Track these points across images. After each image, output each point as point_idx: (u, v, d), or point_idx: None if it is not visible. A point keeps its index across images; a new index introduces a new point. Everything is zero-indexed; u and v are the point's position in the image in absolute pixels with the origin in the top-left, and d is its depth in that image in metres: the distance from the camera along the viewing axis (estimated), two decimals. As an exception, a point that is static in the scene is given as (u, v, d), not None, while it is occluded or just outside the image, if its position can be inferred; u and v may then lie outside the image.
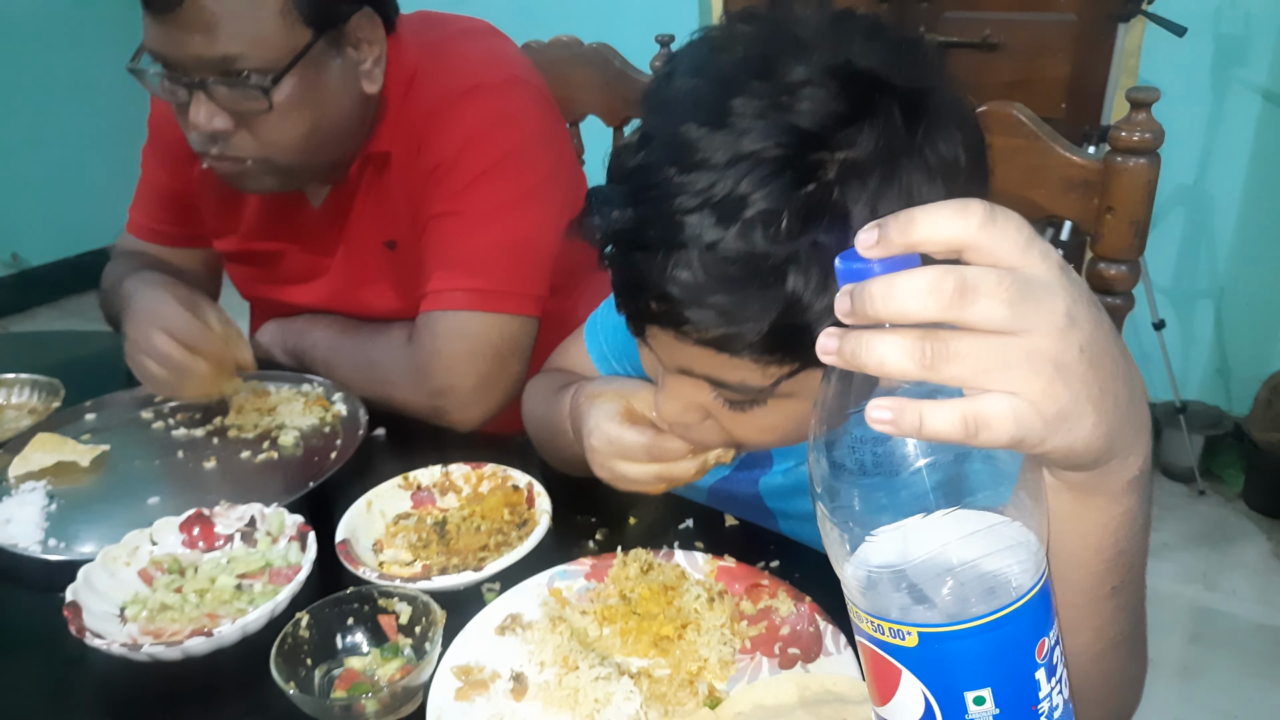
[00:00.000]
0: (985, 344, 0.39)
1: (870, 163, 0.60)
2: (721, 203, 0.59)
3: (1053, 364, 0.40)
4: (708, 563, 0.87)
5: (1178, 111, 2.40)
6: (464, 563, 0.90)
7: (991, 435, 0.39)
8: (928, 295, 0.38)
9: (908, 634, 0.45)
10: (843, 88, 0.59)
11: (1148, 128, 0.99)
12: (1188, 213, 2.64)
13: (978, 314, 0.38)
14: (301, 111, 1.07)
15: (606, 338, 1.08)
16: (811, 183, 0.59)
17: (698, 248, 0.60)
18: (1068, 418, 0.40)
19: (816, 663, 0.75)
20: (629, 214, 0.64)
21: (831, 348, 0.41)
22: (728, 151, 0.59)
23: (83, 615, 0.81)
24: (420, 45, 1.20)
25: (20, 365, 1.30)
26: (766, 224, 0.59)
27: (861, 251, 0.40)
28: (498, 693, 0.76)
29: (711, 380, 0.69)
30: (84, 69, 3.91)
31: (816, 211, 0.59)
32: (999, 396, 0.39)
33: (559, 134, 1.26)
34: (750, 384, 0.67)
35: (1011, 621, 0.44)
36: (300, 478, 1.06)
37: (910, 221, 0.40)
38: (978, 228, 0.39)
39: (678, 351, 0.68)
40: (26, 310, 3.95)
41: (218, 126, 1.05)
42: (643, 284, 0.64)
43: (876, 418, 0.39)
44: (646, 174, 0.63)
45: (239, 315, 1.49)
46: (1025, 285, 0.39)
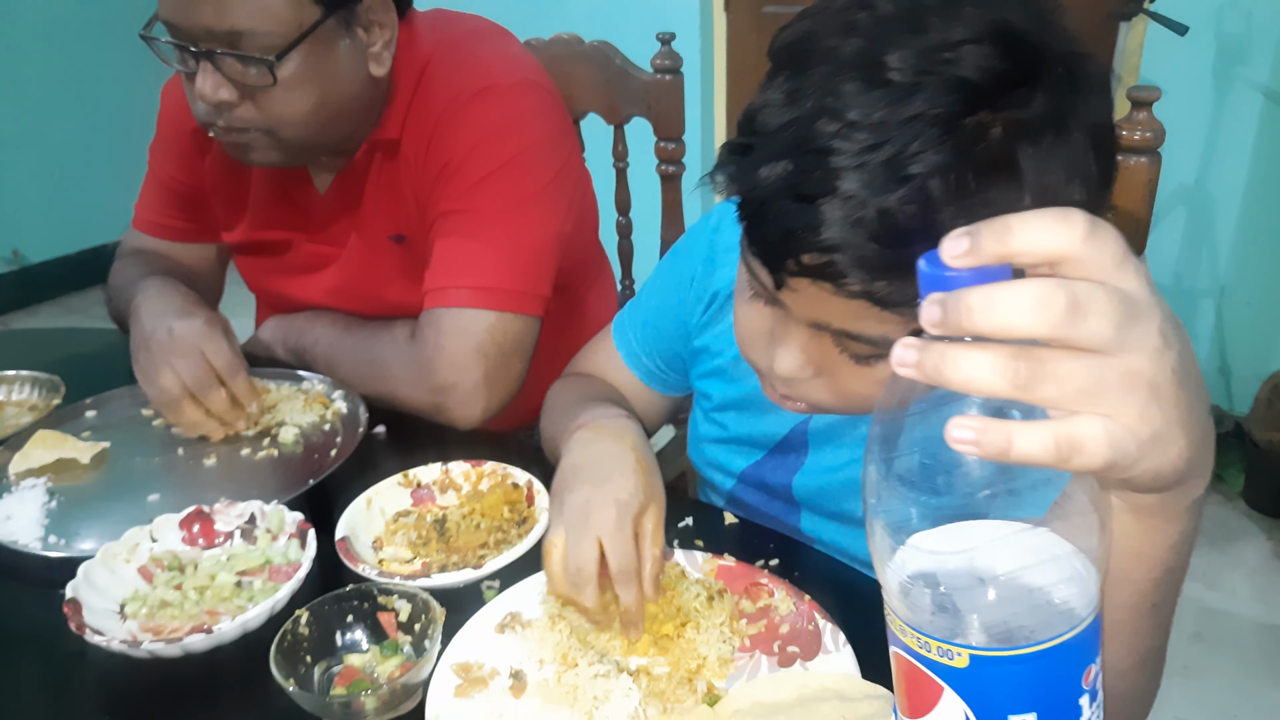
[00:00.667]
0: (1084, 365, 0.37)
1: (1041, 125, 0.59)
2: (892, 159, 0.58)
3: (1149, 385, 0.38)
4: (707, 561, 0.87)
5: (1179, 111, 2.40)
6: (464, 560, 0.90)
7: (1085, 460, 0.37)
8: (1035, 311, 0.35)
9: (958, 655, 0.44)
10: (1006, 48, 0.58)
11: (1149, 126, 0.99)
12: (1188, 212, 2.64)
13: (1085, 333, 0.36)
14: (306, 88, 1.08)
15: (635, 335, 1.10)
16: (982, 140, 0.58)
17: (868, 202, 0.59)
18: (1160, 440, 0.39)
19: (815, 661, 0.75)
20: (784, 167, 0.62)
21: (910, 360, 0.38)
22: (893, 108, 0.58)
23: (83, 612, 0.81)
24: (435, 40, 1.21)
25: (21, 362, 1.30)
26: (942, 179, 0.58)
27: (948, 260, 0.37)
28: (497, 690, 0.76)
29: (848, 334, 0.68)
30: (86, 66, 3.91)
31: (989, 169, 0.58)
32: (1093, 419, 0.37)
33: (568, 137, 1.27)
34: (891, 337, 0.65)
35: (1066, 649, 0.43)
36: (300, 475, 1.06)
37: (1007, 230, 0.37)
38: (1081, 240, 0.37)
39: (821, 305, 0.66)
40: (27, 307, 3.95)
41: (223, 97, 1.06)
42: (800, 238, 0.62)
43: (958, 437, 0.37)
44: (803, 129, 0.61)
45: (245, 311, 1.50)
46: (1127, 302, 0.37)
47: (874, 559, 0.46)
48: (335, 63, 1.10)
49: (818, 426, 0.94)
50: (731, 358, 0.99)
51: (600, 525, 0.78)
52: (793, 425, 0.95)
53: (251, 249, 1.36)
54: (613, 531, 0.78)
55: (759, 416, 0.97)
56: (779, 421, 0.96)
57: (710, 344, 1.01)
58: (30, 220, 3.92)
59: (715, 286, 1.00)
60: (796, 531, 0.98)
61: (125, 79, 3.89)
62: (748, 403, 0.98)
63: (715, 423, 1.03)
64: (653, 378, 1.11)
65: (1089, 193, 0.62)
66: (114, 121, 3.94)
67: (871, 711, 0.67)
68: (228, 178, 1.32)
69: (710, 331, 1.01)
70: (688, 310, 1.03)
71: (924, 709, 0.46)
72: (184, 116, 1.30)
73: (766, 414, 0.97)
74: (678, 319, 1.05)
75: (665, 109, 1.52)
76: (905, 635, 0.46)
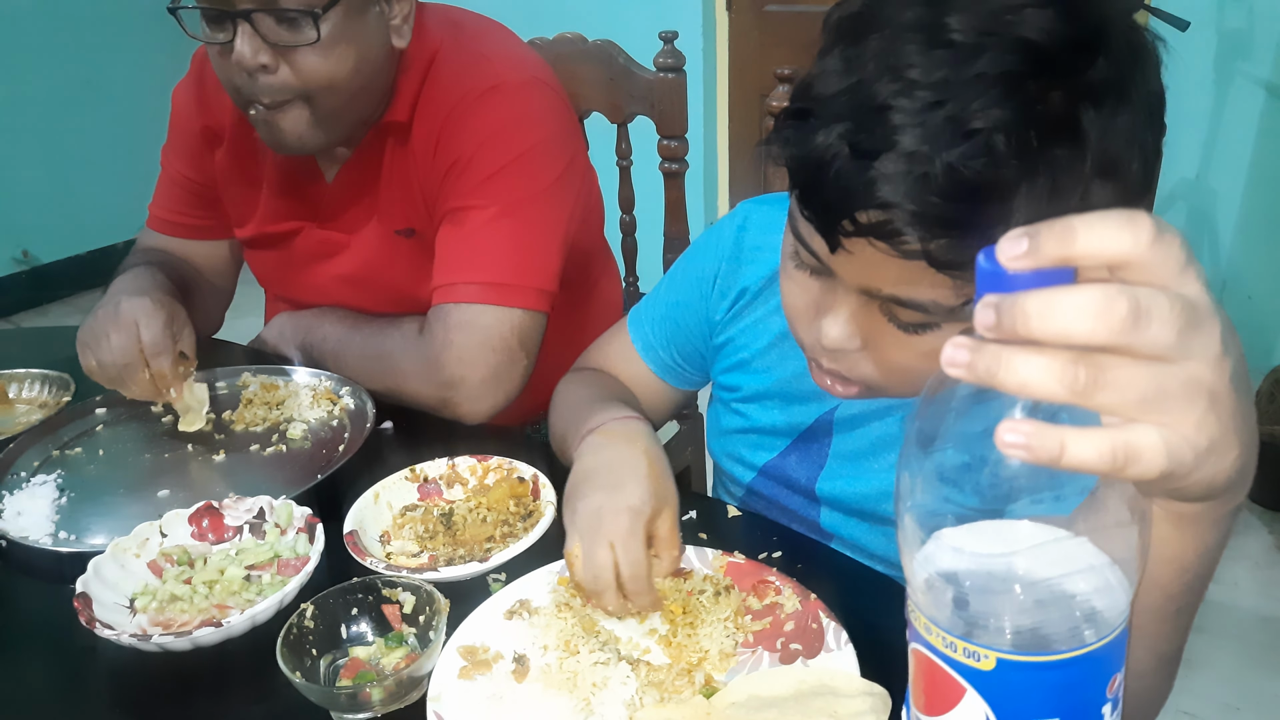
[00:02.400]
0: (1145, 372, 0.35)
1: (1103, 89, 0.59)
2: (955, 116, 0.58)
3: (1209, 394, 0.37)
4: (717, 558, 0.87)
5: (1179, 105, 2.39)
6: (470, 554, 0.91)
7: (1141, 469, 0.36)
8: (1096, 318, 0.34)
9: (985, 657, 0.43)
10: (1068, 12, 0.59)
11: (1148, 121, 1.00)
12: (1189, 206, 2.64)
13: (1148, 341, 0.35)
14: (344, 49, 1.10)
15: (652, 329, 1.10)
16: (1045, 102, 0.58)
17: (931, 157, 0.58)
18: (1215, 450, 0.38)
19: (817, 658, 0.75)
20: (842, 128, 0.61)
21: (961, 360, 0.36)
22: (956, 68, 0.58)
23: (93, 606, 0.82)
24: (442, 32, 1.23)
25: (31, 360, 1.32)
26: (1005, 135, 0.57)
27: (1005, 263, 0.36)
28: (500, 673, 0.77)
29: (899, 300, 0.67)
30: (95, 67, 3.92)
31: (1053, 129, 0.58)
32: (1150, 428, 0.36)
33: (574, 135, 1.28)
34: (942, 303, 0.65)
35: (1094, 658, 0.43)
36: (308, 470, 1.07)
37: (1070, 232, 0.35)
38: (1148, 244, 0.35)
39: (874, 268, 0.66)
40: (38, 306, 3.96)
41: (262, 61, 1.07)
42: (858, 198, 0.61)
43: (1009, 441, 0.35)
44: (862, 90, 0.61)
45: (254, 310, 1.51)
46: (1190, 309, 0.36)
47: (903, 554, 0.46)
48: (367, 27, 1.12)
49: (843, 416, 0.94)
50: (757, 350, 1.00)
51: (613, 532, 0.79)
52: (817, 416, 0.96)
53: (262, 242, 1.37)
54: (625, 538, 0.79)
55: (784, 406, 0.98)
56: (804, 411, 0.96)
57: (736, 338, 1.02)
58: (40, 220, 3.93)
59: (743, 283, 1.00)
60: (815, 526, 0.98)
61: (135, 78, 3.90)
62: (772, 393, 0.99)
63: (738, 413, 1.03)
64: (667, 371, 1.11)
65: (1145, 162, 0.63)
66: (123, 121, 3.94)
67: (864, 708, 0.67)
68: (238, 173, 1.33)
69: (736, 326, 1.02)
70: (710, 307, 1.04)
71: (943, 708, 0.46)
72: (194, 115, 1.32)
73: (792, 404, 0.97)
74: (699, 315, 1.05)
75: (668, 107, 1.53)
76: (930, 634, 0.45)
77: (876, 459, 0.93)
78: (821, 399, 0.94)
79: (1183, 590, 0.53)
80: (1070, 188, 0.60)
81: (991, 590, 0.43)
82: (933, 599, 0.45)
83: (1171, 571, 0.51)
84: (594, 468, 0.87)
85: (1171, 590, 0.52)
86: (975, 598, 0.43)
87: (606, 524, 0.80)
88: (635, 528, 0.80)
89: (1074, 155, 0.59)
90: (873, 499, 0.93)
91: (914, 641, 0.47)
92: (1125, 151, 0.61)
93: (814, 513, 0.98)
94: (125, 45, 3.94)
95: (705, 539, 0.91)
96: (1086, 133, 0.59)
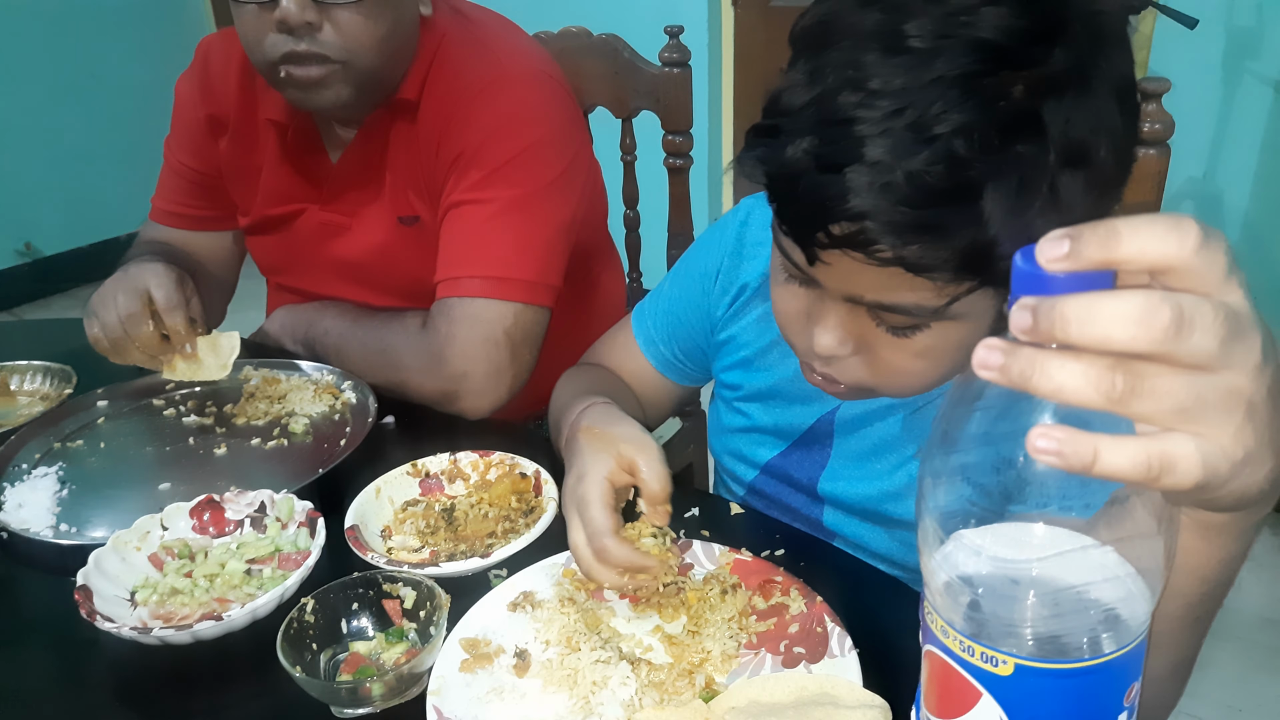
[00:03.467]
0: (1185, 382, 0.35)
1: (1064, 80, 0.59)
2: (916, 122, 0.59)
3: (1247, 405, 0.36)
4: (723, 555, 0.87)
5: (1188, 104, 2.39)
6: (471, 549, 0.91)
7: (1176, 480, 0.36)
8: (1139, 325, 0.33)
9: (1003, 662, 0.43)
10: (1024, 6, 0.59)
11: (1158, 118, 0.99)
12: (1197, 205, 2.63)
13: (1190, 350, 0.34)
14: (384, 10, 1.11)
15: (655, 324, 1.11)
16: (1004, 99, 0.59)
17: (895, 166, 0.59)
18: (1251, 462, 0.37)
19: (820, 664, 0.75)
20: (810, 142, 0.62)
21: (994, 363, 0.36)
22: (914, 73, 0.59)
23: (94, 599, 0.82)
24: (449, 18, 1.23)
25: (33, 353, 1.31)
26: (966, 138, 0.58)
27: (1045, 265, 0.35)
28: (501, 667, 0.77)
29: (882, 305, 0.68)
30: (97, 59, 3.92)
31: (1013, 125, 0.59)
32: (1186, 438, 0.36)
33: (579, 128, 1.28)
34: (925, 305, 0.67)
35: (1112, 667, 0.42)
36: (310, 464, 1.07)
37: (1114, 236, 0.34)
38: (1193, 250, 0.35)
39: (854, 277, 0.67)
40: (40, 299, 3.97)
41: (309, 18, 1.07)
42: (829, 209, 0.63)
43: (1041, 447, 0.34)
44: (826, 103, 0.62)
45: (256, 304, 1.51)
46: (1234, 318, 0.35)
47: (921, 554, 0.45)
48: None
49: (844, 417, 0.94)
50: (759, 349, 1.00)
51: (570, 514, 0.82)
52: (819, 416, 0.95)
53: (265, 226, 1.37)
54: (581, 509, 0.80)
55: (786, 407, 0.98)
56: (805, 412, 0.96)
57: (737, 335, 1.02)
58: (43, 212, 3.94)
59: (744, 279, 1.01)
60: (819, 525, 0.98)
61: (137, 71, 3.90)
62: (774, 393, 0.99)
63: (739, 412, 1.03)
64: (669, 366, 1.11)
65: (1115, 148, 0.63)
66: (126, 113, 3.95)
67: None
68: (243, 160, 1.33)
69: (737, 323, 1.02)
70: (712, 303, 1.04)
71: (957, 711, 0.46)
72: (198, 104, 1.32)
73: (793, 404, 0.97)
74: (701, 310, 1.05)
75: (673, 102, 1.52)
76: (946, 636, 0.45)
77: (879, 460, 0.92)
78: (823, 400, 0.94)
79: (1203, 599, 0.52)
80: (1037, 181, 0.60)
81: (1012, 596, 0.43)
82: (951, 601, 0.44)
83: (1194, 581, 0.50)
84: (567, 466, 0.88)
85: (1192, 599, 0.52)
86: (995, 602, 0.43)
87: (566, 507, 0.82)
88: (588, 495, 0.80)
89: (1038, 149, 0.59)
90: (875, 499, 0.93)
91: (929, 643, 0.47)
92: (1092, 139, 0.61)
93: (817, 512, 0.98)
94: (128, 37, 3.94)
95: (708, 535, 0.91)
96: (1048, 125, 0.59)
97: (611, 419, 0.88)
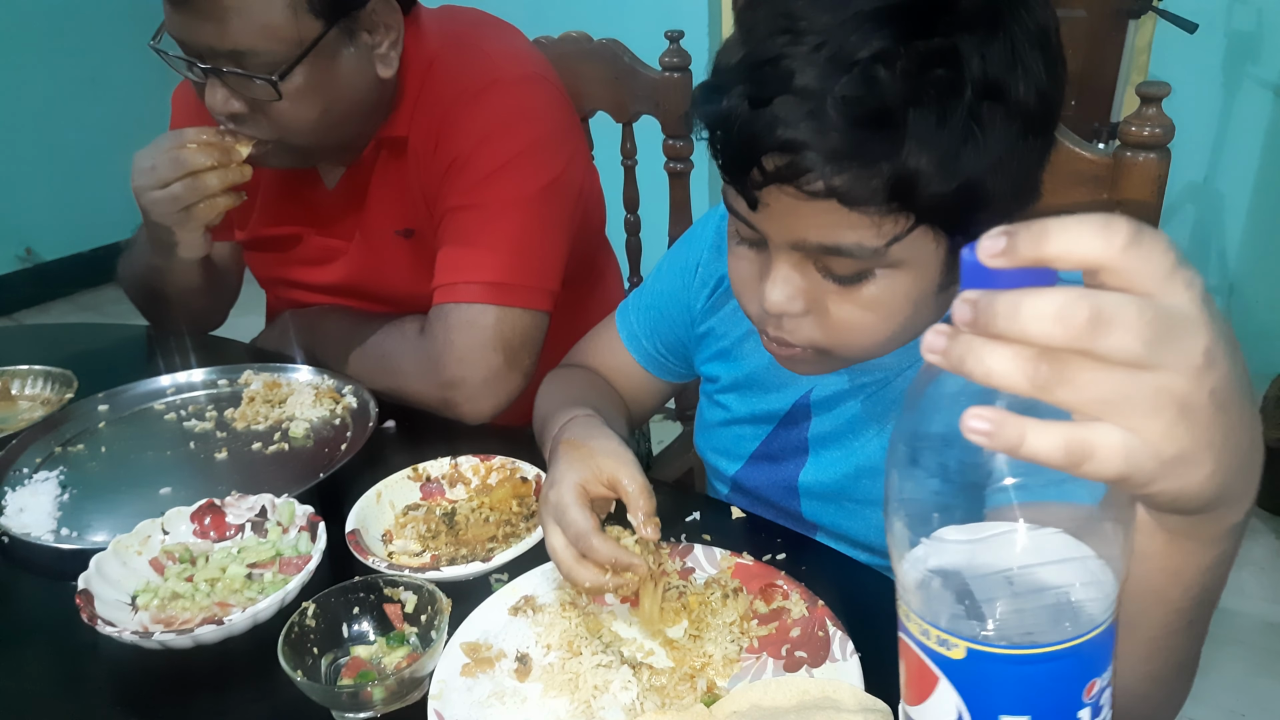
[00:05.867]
0: (1109, 376, 0.36)
1: (978, 19, 0.64)
2: (838, 53, 0.63)
3: (1179, 405, 0.37)
4: (725, 559, 0.87)
5: (1188, 109, 2.40)
6: (472, 553, 0.91)
7: (1096, 467, 0.37)
8: (1054, 321, 0.35)
9: (955, 645, 0.43)
10: None
11: (1158, 122, 0.99)
12: (1197, 210, 2.63)
13: (1108, 347, 0.35)
14: (312, 99, 1.09)
15: (638, 319, 1.12)
16: (920, 32, 0.63)
17: (819, 94, 0.63)
18: (1184, 462, 0.38)
19: (822, 668, 0.75)
20: (742, 87, 0.67)
21: (938, 347, 0.38)
22: (836, 11, 0.64)
23: (95, 603, 0.82)
24: (441, 36, 1.22)
25: (34, 357, 1.31)
26: (886, 64, 0.63)
27: (984, 260, 0.37)
28: (502, 672, 0.77)
29: (824, 248, 0.71)
30: (97, 64, 3.92)
31: (930, 55, 0.63)
32: (1112, 429, 0.37)
33: (574, 131, 1.27)
34: (865, 244, 0.70)
35: (1066, 658, 0.42)
36: (311, 469, 1.07)
37: (1044, 234, 0.36)
38: (1120, 249, 0.36)
39: (793, 218, 0.70)
40: (40, 304, 3.97)
41: (233, 109, 1.08)
42: (761, 143, 0.67)
43: (973, 427, 0.36)
44: (756, 49, 0.67)
45: (255, 309, 1.51)
46: (1166, 319, 0.36)
47: (888, 539, 0.46)
48: (340, 71, 1.10)
49: (818, 399, 0.95)
50: (735, 339, 1.01)
51: (546, 521, 0.82)
52: (794, 401, 0.97)
53: (261, 244, 1.37)
54: (558, 513, 0.81)
55: (761, 395, 0.99)
56: (781, 398, 0.98)
57: (715, 327, 1.03)
58: (42, 218, 3.94)
59: (722, 271, 1.02)
60: (798, 517, 0.99)
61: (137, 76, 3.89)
62: (750, 381, 1.00)
63: (720, 405, 1.04)
64: (651, 361, 1.12)
65: (1037, 89, 0.67)
66: (126, 119, 3.93)
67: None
68: None
69: (716, 315, 1.03)
70: (692, 296, 1.05)
71: (920, 697, 0.46)
72: (192, 117, 1.31)
73: (769, 392, 0.99)
74: (682, 304, 1.07)
75: (673, 107, 1.52)
76: (909, 620, 0.46)
77: (854, 438, 0.94)
78: (797, 384, 0.96)
79: (1192, 605, 0.52)
80: (956, 108, 0.64)
81: (961, 576, 0.43)
82: (908, 583, 0.45)
83: (1177, 586, 0.50)
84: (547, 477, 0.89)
85: (1180, 605, 0.52)
86: (944, 582, 0.43)
87: (542, 515, 0.83)
88: (563, 499, 0.80)
89: (954, 77, 0.64)
90: (854, 477, 0.94)
91: (900, 629, 0.48)
92: (1008, 75, 0.65)
93: (795, 503, 0.99)
94: (128, 43, 3.90)
95: (709, 539, 0.90)
96: (964, 55, 0.64)
97: (592, 432, 0.88)
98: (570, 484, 0.81)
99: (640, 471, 0.82)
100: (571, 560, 0.79)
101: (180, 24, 1.04)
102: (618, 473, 0.81)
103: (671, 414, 1.79)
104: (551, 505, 0.81)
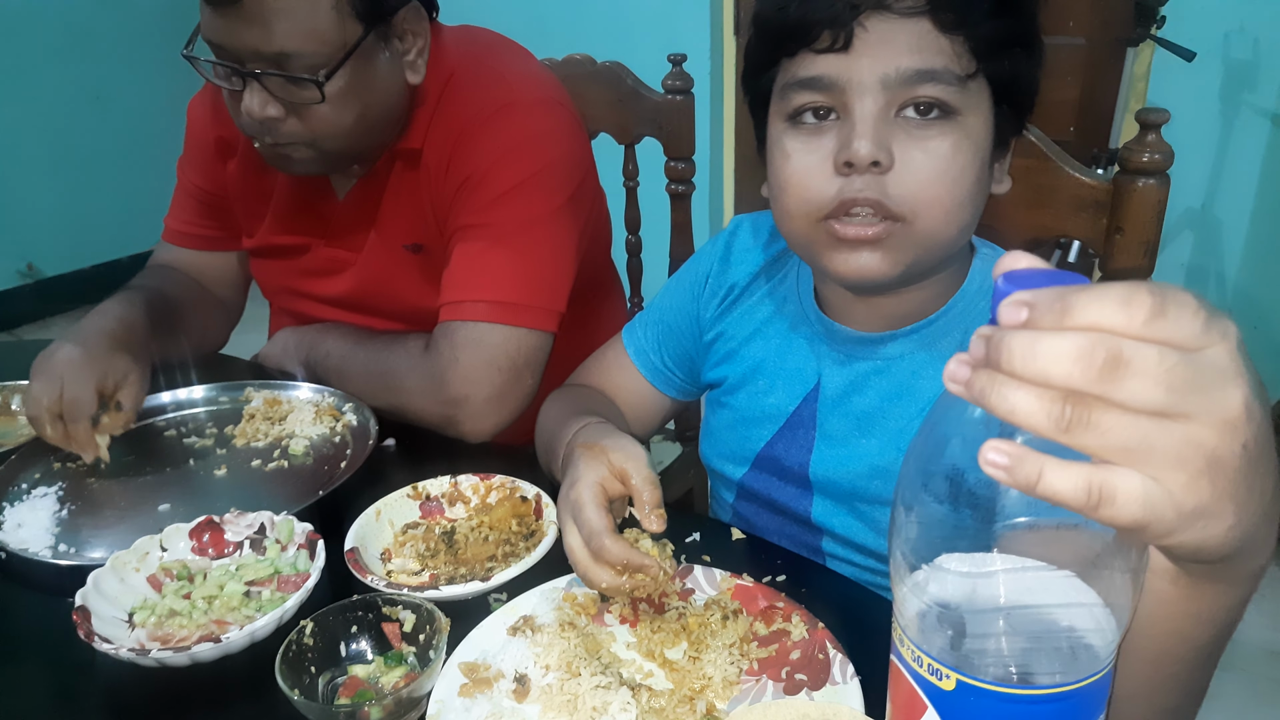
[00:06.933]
0: (1133, 424, 0.35)
1: None
2: None
3: (1207, 458, 0.36)
4: (724, 580, 0.87)
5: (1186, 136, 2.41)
6: (471, 573, 0.91)
7: (1114, 513, 0.36)
8: (1073, 363, 0.34)
9: (946, 676, 0.43)
10: None
11: (1158, 148, 1.00)
12: (1196, 236, 2.64)
13: (1127, 393, 0.35)
14: (351, 101, 1.11)
15: (645, 333, 1.13)
16: None
17: None
18: (1206, 515, 0.37)
19: (822, 691, 0.74)
20: None
21: (961, 377, 0.37)
22: None
23: (92, 620, 0.81)
24: (460, 53, 1.23)
25: (34, 373, 1.31)
26: None
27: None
28: (500, 692, 0.77)
29: (919, 72, 0.76)
30: (101, 81, 3.95)
31: None
32: (1133, 474, 0.36)
33: (586, 155, 1.29)
34: (953, 69, 0.77)
35: (1061, 701, 0.42)
36: (310, 486, 1.06)
37: (1066, 310, 0.35)
38: (1142, 324, 0.35)
39: (885, 47, 0.76)
40: (41, 319, 3.97)
41: (270, 114, 1.09)
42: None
43: (991, 460, 0.36)
44: None
45: (259, 326, 1.51)
46: (1195, 370, 0.35)
47: (890, 561, 0.46)
48: (376, 75, 1.12)
49: (826, 394, 0.96)
50: (743, 338, 1.03)
51: (564, 519, 0.82)
52: (803, 396, 0.98)
53: (269, 252, 1.38)
54: (575, 513, 0.81)
55: (768, 390, 1.00)
56: (788, 394, 0.99)
57: (726, 329, 1.06)
58: (45, 233, 3.95)
59: (732, 280, 1.05)
60: (807, 521, 0.99)
61: (142, 91, 3.93)
62: (758, 375, 1.01)
63: (727, 406, 1.06)
64: (657, 374, 1.13)
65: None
66: (130, 135, 3.97)
67: None
68: (250, 183, 1.34)
69: (726, 318, 1.06)
70: (702, 306, 1.08)
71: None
72: (209, 125, 1.33)
73: (776, 387, 1.00)
74: (690, 316, 1.09)
75: (676, 129, 1.53)
76: (903, 645, 0.46)
77: (863, 435, 0.94)
78: (804, 378, 0.97)
79: (1210, 640, 0.52)
80: None
81: (961, 608, 0.43)
82: (905, 608, 0.45)
83: (1197, 625, 0.50)
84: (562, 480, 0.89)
85: (1200, 642, 0.52)
86: (942, 614, 0.43)
87: (561, 514, 0.84)
88: (581, 498, 0.81)
89: None
90: (864, 476, 0.94)
91: (892, 652, 0.48)
92: None
93: (805, 503, 0.99)
94: (133, 58, 3.97)
95: (709, 560, 0.90)
96: None
97: (604, 434, 0.89)
98: (588, 483, 0.81)
99: (649, 466, 0.83)
100: (588, 560, 0.79)
101: (223, 28, 1.05)
102: (626, 465, 0.82)
103: (671, 435, 1.78)
104: (570, 503, 0.82)
